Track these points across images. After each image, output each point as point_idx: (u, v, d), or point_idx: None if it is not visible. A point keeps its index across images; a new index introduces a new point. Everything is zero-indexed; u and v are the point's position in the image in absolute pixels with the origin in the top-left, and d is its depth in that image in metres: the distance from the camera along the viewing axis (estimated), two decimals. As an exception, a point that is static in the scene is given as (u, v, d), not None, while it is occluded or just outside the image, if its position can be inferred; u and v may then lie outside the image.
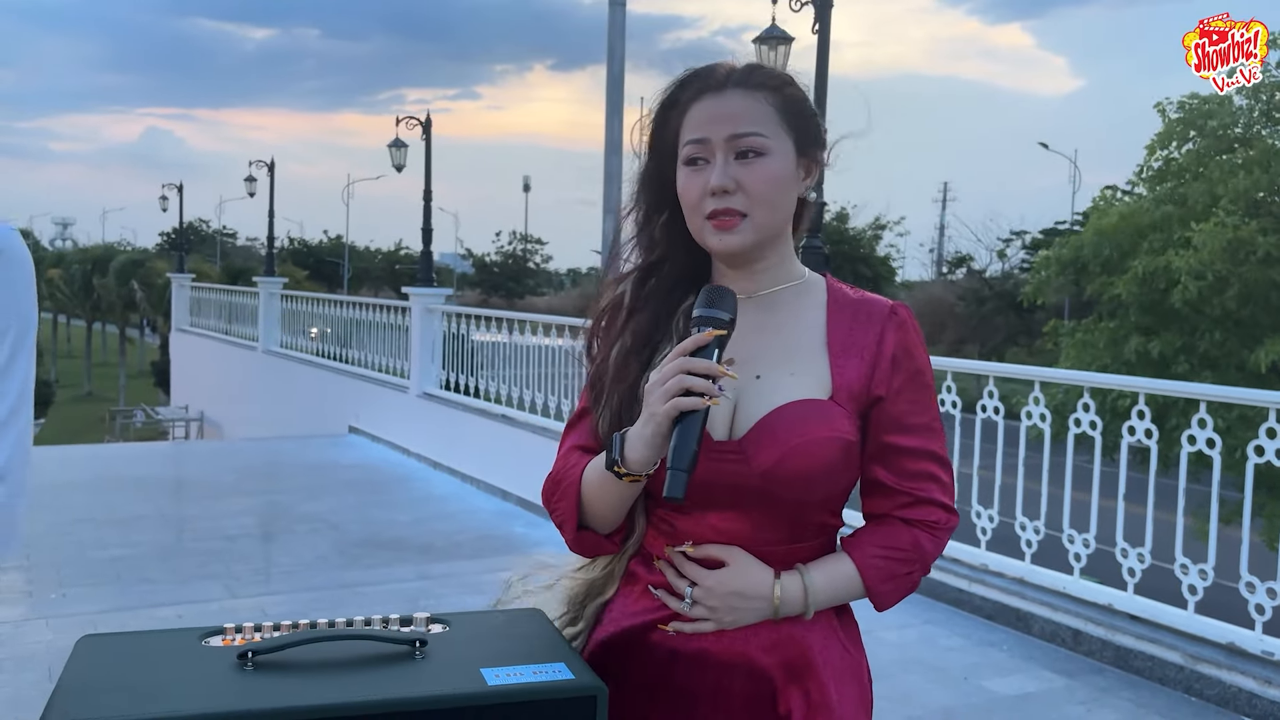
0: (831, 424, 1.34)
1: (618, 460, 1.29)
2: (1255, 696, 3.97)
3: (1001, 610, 5.01)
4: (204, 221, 65.81)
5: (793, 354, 1.39)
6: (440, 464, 9.75)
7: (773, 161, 1.35)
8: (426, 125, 12.84)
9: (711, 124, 1.35)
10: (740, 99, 1.36)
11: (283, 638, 1.27)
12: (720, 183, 1.33)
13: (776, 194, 1.36)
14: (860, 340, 1.39)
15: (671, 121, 1.41)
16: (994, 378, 5.48)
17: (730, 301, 1.30)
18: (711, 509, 1.36)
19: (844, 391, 1.37)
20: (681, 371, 1.25)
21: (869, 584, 1.40)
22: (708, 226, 1.36)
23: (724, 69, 1.40)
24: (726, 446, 1.34)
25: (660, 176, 1.44)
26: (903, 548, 1.41)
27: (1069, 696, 4.20)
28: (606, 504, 1.36)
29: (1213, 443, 4.40)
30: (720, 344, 1.28)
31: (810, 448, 1.32)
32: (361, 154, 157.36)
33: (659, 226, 1.46)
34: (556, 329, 8.81)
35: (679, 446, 1.23)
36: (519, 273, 58.62)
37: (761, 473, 1.32)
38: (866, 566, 1.39)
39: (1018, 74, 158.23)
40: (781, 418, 1.34)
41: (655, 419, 1.26)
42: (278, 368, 14.53)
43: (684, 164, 1.38)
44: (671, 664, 1.38)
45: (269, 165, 19.07)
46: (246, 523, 7.90)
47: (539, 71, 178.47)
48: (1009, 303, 35.79)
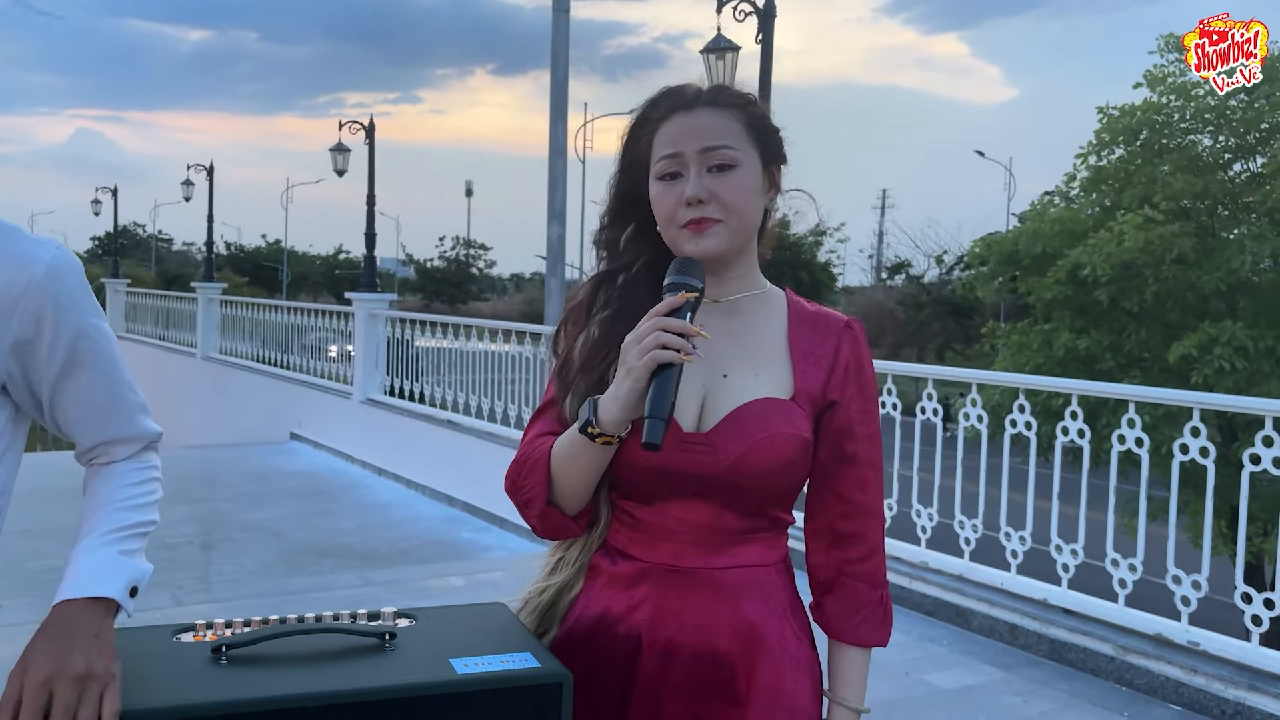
0: (793, 422, 1.43)
1: (592, 421, 1.35)
2: (1181, 684, 4.13)
3: (941, 606, 5.14)
4: (139, 226, 64.50)
5: (757, 357, 1.47)
6: (385, 470, 9.69)
7: (743, 173, 1.43)
8: (370, 130, 12.76)
9: (684, 139, 1.43)
10: (710, 115, 1.44)
11: (256, 632, 1.31)
12: (695, 193, 1.40)
13: (747, 203, 1.44)
14: (819, 349, 1.49)
15: (643, 138, 1.48)
16: (933, 380, 5.62)
17: (700, 271, 1.38)
18: (675, 499, 1.43)
19: (804, 394, 1.46)
20: (658, 330, 1.32)
21: (870, 645, 1.53)
22: (683, 234, 1.43)
23: (692, 89, 1.48)
24: (695, 438, 1.41)
25: (631, 190, 1.51)
26: (868, 600, 1.51)
27: (1007, 688, 4.33)
28: (578, 475, 1.41)
29: (1141, 441, 4.56)
30: (692, 307, 1.35)
31: (774, 443, 1.40)
32: (301, 158, 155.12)
33: (626, 238, 1.53)
34: (503, 334, 8.82)
35: (656, 397, 1.29)
36: (462, 278, 58.31)
37: (729, 464, 1.40)
38: (860, 638, 1.51)
39: (954, 83, 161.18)
40: (748, 413, 1.42)
41: (633, 373, 1.32)
42: (217, 374, 14.32)
43: (658, 178, 1.45)
44: (638, 653, 1.44)
45: (208, 169, 18.79)
46: (188, 531, 7.80)
47: (481, 76, 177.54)
48: (947, 308, 36.47)
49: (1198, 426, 4.33)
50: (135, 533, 1.34)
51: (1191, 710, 4.06)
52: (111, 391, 1.38)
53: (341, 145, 16.47)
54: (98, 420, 1.38)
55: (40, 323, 1.27)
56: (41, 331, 1.28)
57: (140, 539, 1.34)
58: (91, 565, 1.26)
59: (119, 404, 1.39)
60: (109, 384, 1.37)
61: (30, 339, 1.27)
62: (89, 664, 1.16)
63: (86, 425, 1.37)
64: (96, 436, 1.39)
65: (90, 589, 1.23)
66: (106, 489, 1.37)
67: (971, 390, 5.40)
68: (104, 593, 1.24)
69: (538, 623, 1.53)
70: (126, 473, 1.39)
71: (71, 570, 1.26)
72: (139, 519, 1.35)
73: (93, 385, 1.35)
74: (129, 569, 1.28)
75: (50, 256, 1.29)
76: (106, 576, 1.25)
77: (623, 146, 1.51)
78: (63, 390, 1.33)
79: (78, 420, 1.37)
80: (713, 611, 1.43)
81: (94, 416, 1.37)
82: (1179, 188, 13.34)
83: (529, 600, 1.55)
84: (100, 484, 1.38)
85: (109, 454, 1.41)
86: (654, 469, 1.40)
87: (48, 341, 1.29)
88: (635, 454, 1.38)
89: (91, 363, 1.34)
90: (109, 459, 1.41)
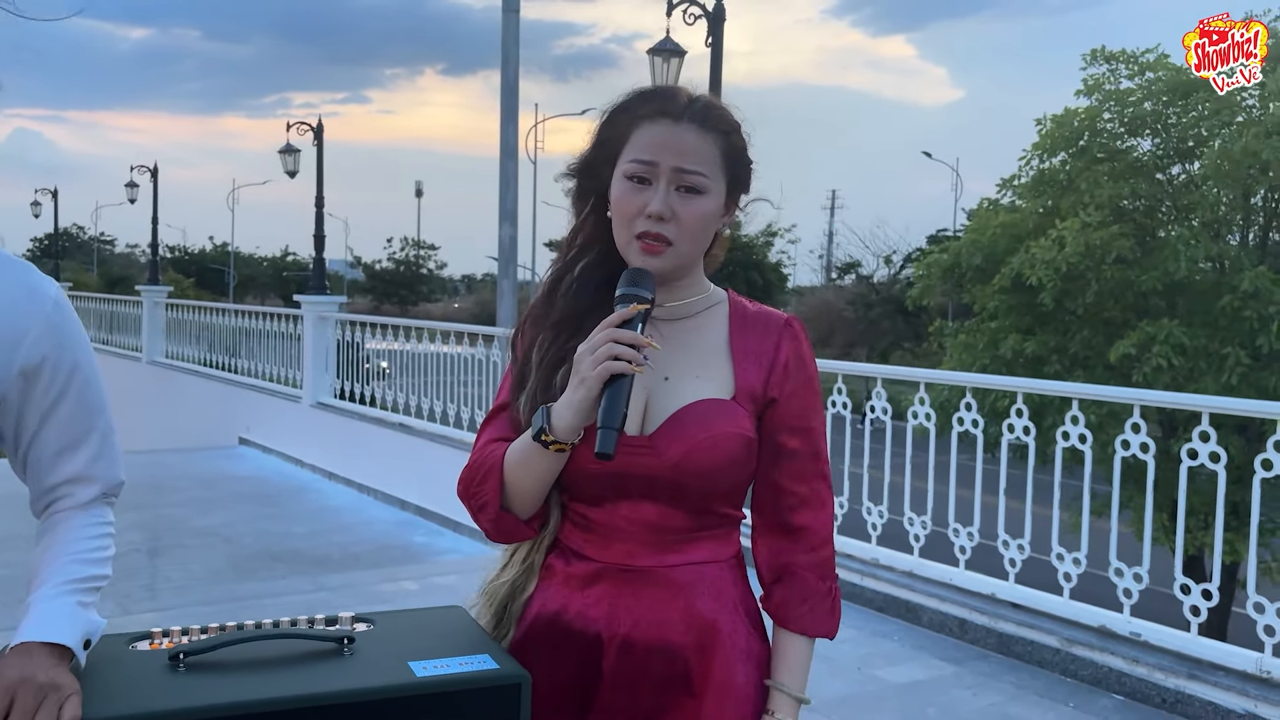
0: (735, 421, 1.46)
1: (545, 428, 1.37)
2: (1124, 675, 4.24)
3: (892, 602, 5.22)
4: (80, 228, 63.23)
5: (699, 359, 1.50)
6: (336, 475, 9.61)
7: (707, 201, 1.46)
8: (318, 131, 12.64)
9: (663, 150, 1.44)
10: (694, 136, 1.45)
11: (213, 639, 1.31)
12: (659, 210, 1.42)
13: (703, 230, 1.47)
14: (759, 348, 1.52)
15: (621, 124, 1.49)
16: (882, 380, 5.70)
17: (650, 282, 1.42)
18: (624, 499, 1.45)
19: (745, 393, 1.49)
20: (610, 341, 1.34)
21: (817, 635, 1.54)
22: (634, 245, 1.45)
23: (684, 97, 1.48)
24: (638, 441, 1.43)
25: (595, 167, 1.52)
26: (816, 590, 1.53)
27: (956, 682, 4.41)
28: (531, 480, 1.43)
29: (1084, 438, 4.67)
30: (644, 318, 1.38)
31: (716, 442, 1.43)
32: (247, 158, 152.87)
33: (585, 214, 1.55)
34: (455, 336, 8.79)
35: (609, 407, 1.32)
36: (412, 279, 57.85)
37: (671, 465, 1.42)
38: (805, 627, 1.52)
39: (902, 84, 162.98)
40: (690, 414, 1.45)
41: (587, 383, 1.34)
42: (163, 379, 14.10)
43: (626, 177, 1.46)
44: (595, 650, 1.46)
45: (152, 170, 18.48)
46: (133, 538, 7.66)
47: (430, 76, 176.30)
48: (895, 307, 36.89)
49: (1138, 423, 4.44)
50: (91, 586, 1.37)
51: (1134, 700, 4.17)
52: (91, 425, 1.44)
53: (291, 146, 16.28)
54: (72, 453, 1.42)
55: (45, 352, 1.37)
56: (45, 360, 1.37)
57: (95, 594, 1.38)
58: (50, 613, 1.30)
59: (97, 439, 1.45)
60: (92, 418, 1.44)
61: (36, 367, 1.37)
62: (51, 676, 1.19)
63: (61, 458, 1.42)
64: (68, 471, 1.43)
65: (49, 634, 1.26)
66: (65, 539, 1.41)
67: (920, 389, 5.49)
68: (62, 640, 1.26)
69: (494, 624, 1.54)
70: (84, 525, 1.43)
71: (30, 616, 1.29)
72: (95, 573, 1.39)
73: (77, 417, 1.42)
74: (85, 621, 1.32)
75: (55, 291, 1.40)
76: (65, 625, 1.29)
77: (600, 124, 1.51)
78: (51, 418, 1.40)
79: (56, 452, 1.42)
80: (667, 608, 1.46)
81: (71, 449, 1.42)
82: (1112, 191, 13.65)
83: (483, 600, 1.57)
84: (58, 533, 1.42)
85: (72, 495, 1.44)
86: (602, 472, 1.42)
87: (49, 371, 1.38)
88: (585, 459, 1.40)
89: (81, 395, 1.41)
90: (70, 502, 1.44)
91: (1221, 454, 4.16)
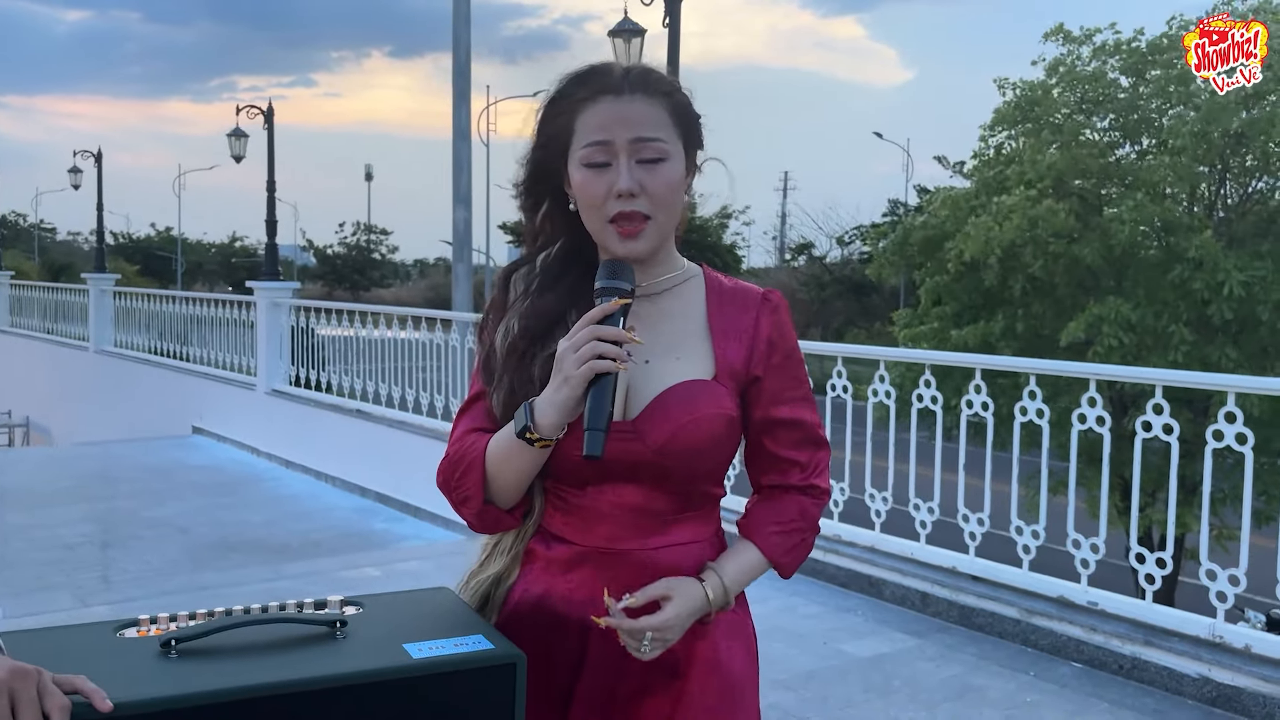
0: (717, 401, 1.46)
1: (530, 426, 1.36)
2: (1082, 643, 4.33)
3: (855, 578, 5.29)
4: (19, 215, 61.61)
5: (678, 340, 1.50)
6: (293, 463, 9.51)
7: (672, 166, 1.44)
8: (269, 114, 12.44)
9: (614, 127, 1.41)
10: (641, 104, 1.43)
11: (205, 624, 1.29)
12: (628, 186, 1.40)
13: (675, 197, 1.46)
14: (738, 325, 1.51)
15: (563, 115, 1.45)
16: (842, 359, 5.75)
17: (629, 273, 1.40)
18: (607, 484, 1.45)
19: (726, 372, 1.49)
20: (593, 338, 1.33)
21: (773, 559, 1.54)
22: (611, 231, 1.43)
23: (619, 69, 1.46)
24: (621, 426, 1.42)
25: (544, 166, 1.49)
26: (793, 519, 1.55)
27: (920, 654, 4.48)
28: (514, 474, 1.43)
29: (1042, 412, 4.76)
30: (625, 311, 1.37)
31: (699, 424, 1.43)
32: (192, 143, 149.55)
33: (543, 217, 1.53)
34: (411, 321, 8.72)
35: (594, 408, 1.31)
36: (364, 264, 57.14)
37: (655, 449, 1.42)
38: (767, 545, 1.53)
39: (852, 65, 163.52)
40: (671, 397, 1.44)
41: (570, 382, 1.33)
42: (112, 368, 13.83)
43: (584, 164, 1.43)
44: (580, 635, 1.46)
45: (96, 156, 18.07)
46: (86, 530, 7.55)
47: (377, 58, 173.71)
48: (848, 287, 37.20)
49: (1094, 396, 4.53)
50: None
51: (1092, 666, 4.26)
52: None
53: (240, 131, 16.02)
54: None
55: None
56: None
57: None
58: None
59: None
60: None
61: None
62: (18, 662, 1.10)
63: None
64: None
65: None
66: None
67: (879, 368, 5.55)
68: None
69: (477, 612, 1.54)
70: None
71: None
72: None
73: None
74: None
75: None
76: None
77: (539, 121, 1.48)
78: None
79: None
80: None
81: None
82: (1053, 163, 13.79)
83: (465, 592, 1.56)
84: None
85: None
86: (585, 458, 1.42)
87: None
88: (570, 447, 1.39)
89: None
90: None
91: (1174, 425, 4.26)
